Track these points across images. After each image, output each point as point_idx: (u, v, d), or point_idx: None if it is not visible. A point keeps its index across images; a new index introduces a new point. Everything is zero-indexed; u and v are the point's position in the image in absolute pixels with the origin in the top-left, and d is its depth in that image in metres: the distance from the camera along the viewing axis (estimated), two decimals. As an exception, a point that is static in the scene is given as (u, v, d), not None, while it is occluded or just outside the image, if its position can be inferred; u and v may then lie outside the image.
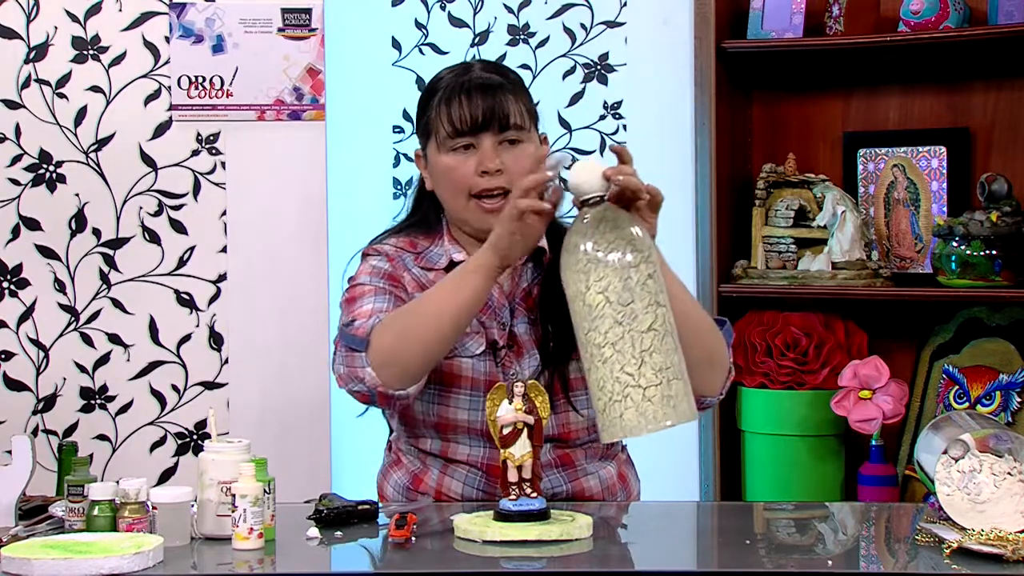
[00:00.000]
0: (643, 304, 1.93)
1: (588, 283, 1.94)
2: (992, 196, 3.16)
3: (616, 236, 1.96)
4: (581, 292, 1.94)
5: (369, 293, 2.26)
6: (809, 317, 3.31)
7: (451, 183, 2.29)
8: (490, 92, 2.27)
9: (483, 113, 2.26)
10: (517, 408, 1.96)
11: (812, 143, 3.51)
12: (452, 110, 2.28)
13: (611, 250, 1.95)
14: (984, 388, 3.18)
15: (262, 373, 3.43)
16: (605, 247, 1.95)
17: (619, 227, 1.97)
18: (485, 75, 2.31)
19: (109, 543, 1.84)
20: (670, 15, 3.51)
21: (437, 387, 2.25)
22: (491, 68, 2.35)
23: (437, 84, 2.35)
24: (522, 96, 2.31)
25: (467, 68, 2.35)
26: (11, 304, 3.42)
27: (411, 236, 2.37)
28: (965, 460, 1.92)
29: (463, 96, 2.28)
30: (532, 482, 1.96)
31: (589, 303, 1.93)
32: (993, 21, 3.19)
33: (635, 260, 1.95)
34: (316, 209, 3.45)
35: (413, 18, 3.57)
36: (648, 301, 1.94)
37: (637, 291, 1.93)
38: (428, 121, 2.34)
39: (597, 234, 1.96)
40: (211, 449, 2.00)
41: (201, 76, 3.43)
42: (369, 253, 2.36)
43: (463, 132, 2.27)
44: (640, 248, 1.96)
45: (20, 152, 3.41)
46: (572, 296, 1.96)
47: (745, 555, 1.92)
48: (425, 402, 2.27)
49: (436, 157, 2.31)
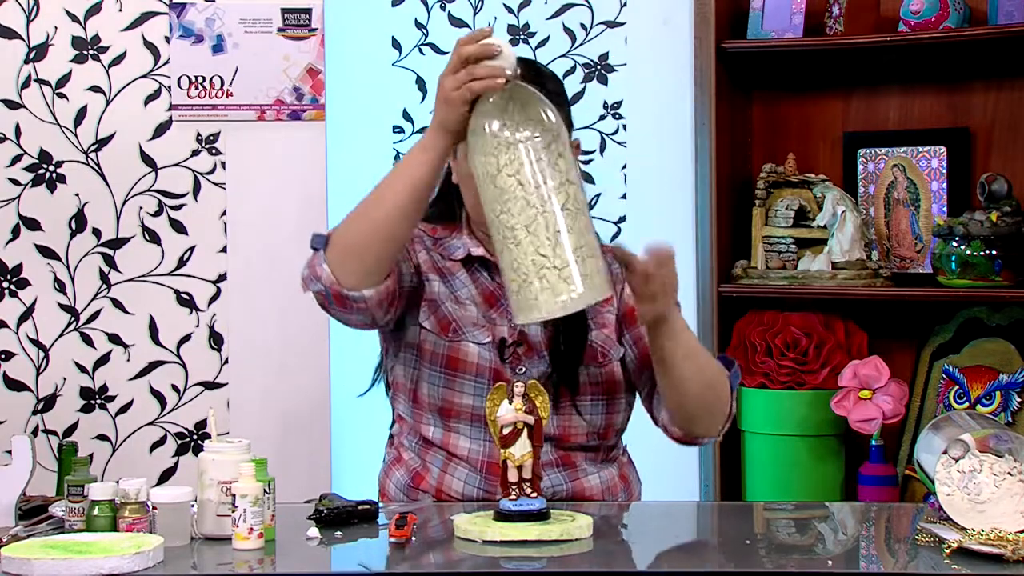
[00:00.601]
0: (554, 184, 1.92)
1: (499, 165, 1.92)
2: (992, 196, 3.16)
3: (524, 117, 1.94)
4: (491, 174, 1.93)
5: None
6: (809, 317, 3.31)
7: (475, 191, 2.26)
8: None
9: None
10: (517, 408, 1.96)
11: (812, 143, 3.51)
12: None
13: (520, 130, 1.93)
14: (984, 388, 3.18)
15: (262, 373, 3.43)
16: (513, 128, 1.93)
17: (527, 107, 1.95)
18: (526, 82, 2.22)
19: (109, 543, 1.85)
20: (670, 15, 3.51)
21: (443, 370, 2.27)
22: (532, 72, 2.25)
23: None
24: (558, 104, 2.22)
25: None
26: (11, 304, 3.42)
27: (432, 223, 2.37)
28: (965, 460, 1.92)
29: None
30: (532, 482, 1.96)
31: (500, 186, 1.92)
32: (993, 21, 3.19)
33: (545, 140, 1.93)
34: (316, 209, 3.45)
35: (413, 18, 3.57)
36: (559, 180, 1.93)
37: (548, 171, 1.92)
38: None
39: (505, 115, 1.94)
40: (211, 449, 2.00)
41: (201, 76, 3.43)
42: None
43: None
44: (549, 128, 1.94)
45: (20, 152, 3.41)
46: (481, 178, 1.94)
47: (745, 555, 1.92)
48: (432, 384, 2.28)
49: (464, 161, 2.25)
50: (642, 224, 3.48)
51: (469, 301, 2.30)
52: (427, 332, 2.28)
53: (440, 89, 2.02)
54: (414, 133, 3.57)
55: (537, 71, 2.30)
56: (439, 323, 2.28)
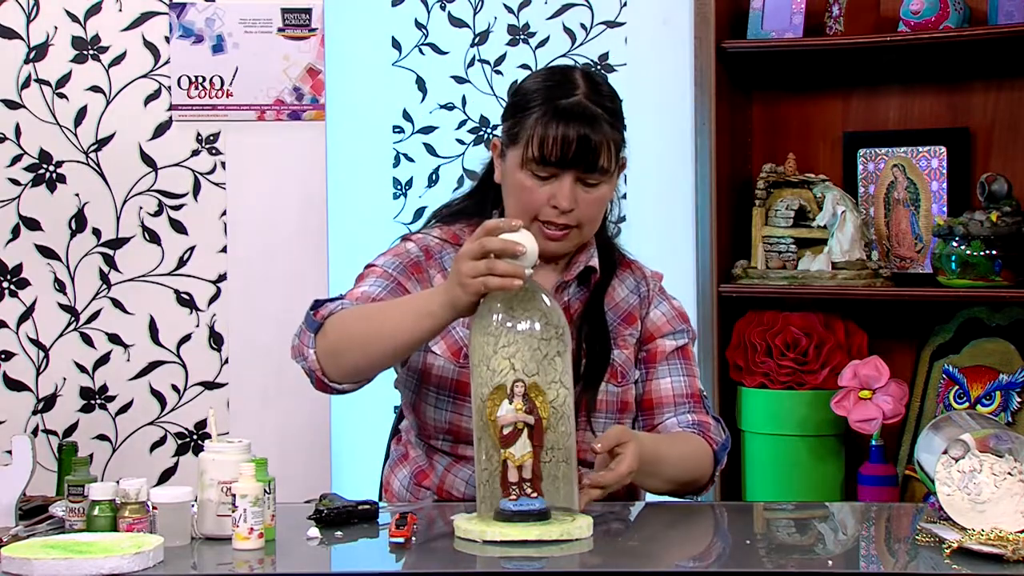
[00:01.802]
0: (547, 379, 1.96)
1: (496, 347, 1.95)
2: (992, 196, 3.16)
3: (532, 307, 1.96)
4: (487, 355, 1.95)
5: (374, 275, 2.26)
6: (809, 317, 3.31)
7: (520, 201, 2.23)
8: (587, 124, 2.17)
9: (574, 149, 2.17)
10: (517, 408, 1.96)
11: (812, 143, 3.51)
12: (547, 137, 2.18)
13: (523, 319, 1.96)
14: (984, 388, 3.17)
15: (262, 373, 3.43)
16: (519, 315, 1.96)
17: (535, 299, 1.97)
18: (589, 104, 2.20)
19: (109, 543, 1.84)
20: (670, 15, 3.51)
21: (451, 395, 2.25)
22: (595, 94, 2.23)
23: (536, 93, 2.24)
24: (616, 131, 2.22)
25: (572, 86, 2.22)
26: (11, 304, 3.42)
27: (456, 227, 2.35)
28: (965, 460, 1.92)
29: (559, 124, 2.18)
30: (532, 482, 1.96)
31: (493, 368, 1.95)
32: (993, 21, 3.19)
33: (546, 334, 1.96)
34: (316, 209, 3.45)
35: (413, 18, 3.57)
36: (553, 378, 1.96)
37: (544, 364, 1.95)
38: (519, 130, 2.23)
39: (514, 300, 1.96)
40: (211, 449, 2.00)
41: (201, 76, 3.44)
42: (411, 239, 2.35)
43: (549, 163, 2.18)
44: (553, 323, 1.97)
45: (20, 152, 3.41)
46: (477, 360, 1.97)
47: (745, 555, 1.92)
48: (439, 409, 2.27)
49: (514, 167, 2.23)
50: (642, 224, 3.48)
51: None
52: (435, 356, 2.26)
53: (456, 271, 1.99)
54: (414, 133, 3.57)
55: (598, 89, 2.25)
56: (449, 348, 2.25)
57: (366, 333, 2.12)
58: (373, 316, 2.14)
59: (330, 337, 2.13)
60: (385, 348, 2.11)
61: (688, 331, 2.38)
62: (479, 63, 3.57)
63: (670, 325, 2.35)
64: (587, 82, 2.24)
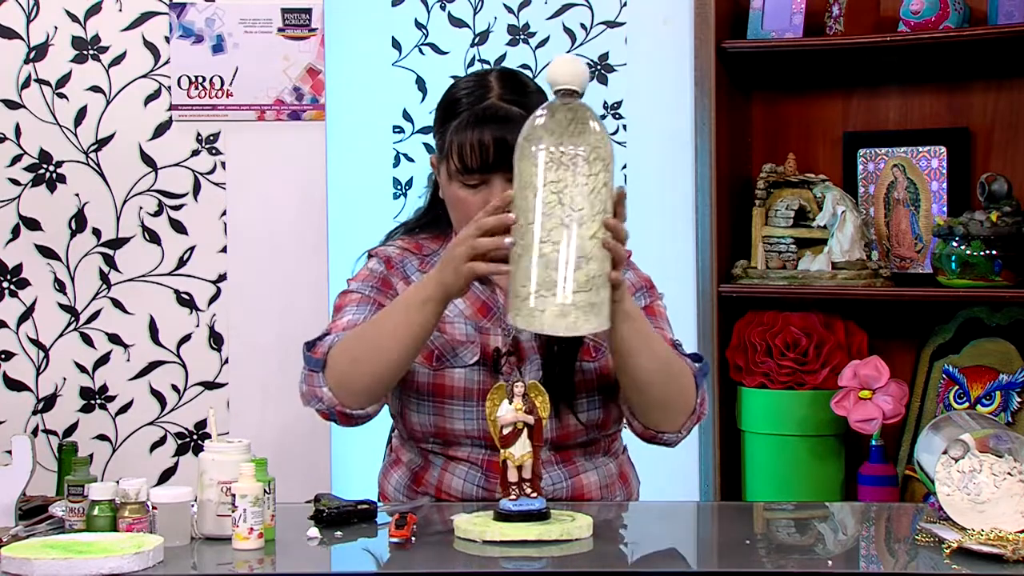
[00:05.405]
0: (592, 212, 1.93)
1: (545, 179, 1.92)
2: (992, 196, 3.16)
3: (583, 140, 1.93)
4: (535, 185, 1.92)
5: (353, 303, 2.27)
6: (809, 317, 3.31)
7: (458, 212, 2.24)
8: (506, 126, 2.16)
9: (494, 153, 2.17)
10: (517, 408, 1.96)
11: (812, 143, 3.51)
12: (464, 145, 2.18)
13: (576, 153, 1.92)
14: (984, 388, 3.18)
15: (262, 373, 3.43)
16: (571, 148, 1.92)
17: (587, 132, 1.94)
18: (502, 105, 2.21)
19: (109, 543, 1.84)
20: (670, 15, 3.51)
21: (430, 398, 2.26)
22: (510, 93, 2.23)
23: (454, 103, 2.25)
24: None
25: (486, 89, 2.24)
26: (11, 304, 3.42)
27: (419, 238, 2.36)
28: (965, 460, 1.92)
29: (475, 130, 2.18)
30: (532, 482, 1.96)
31: (541, 198, 1.92)
32: (993, 21, 3.19)
33: (596, 168, 1.93)
34: (316, 209, 3.45)
35: (413, 18, 3.57)
36: (599, 209, 1.94)
37: (591, 198, 1.92)
38: (442, 142, 2.25)
39: (566, 134, 1.93)
40: (211, 449, 2.00)
41: (201, 76, 3.43)
42: (373, 254, 2.36)
43: (472, 170, 2.19)
44: (603, 156, 1.94)
45: (20, 152, 3.41)
46: (523, 184, 1.94)
47: (745, 555, 1.92)
48: (421, 414, 2.27)
49: (446, 180, 2.25)
50: (642, 224, 3.46)
51: (457, 318, 2.26)
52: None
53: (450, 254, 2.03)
54: (414, 133, 3.57)
55: (517, 89, 2.25)
56: (422, 353, 2.24)
57: (371, 348, 2.13)
58: (371, 331, 2.15)
59: (337, 368, 2.15)
60: (392, 353, 2.12)
61: (649, 293, 2.35)
62: (479, 63, 3.57)
63: (632, 288, 2.32)
64: (501, 83, 2.25)
